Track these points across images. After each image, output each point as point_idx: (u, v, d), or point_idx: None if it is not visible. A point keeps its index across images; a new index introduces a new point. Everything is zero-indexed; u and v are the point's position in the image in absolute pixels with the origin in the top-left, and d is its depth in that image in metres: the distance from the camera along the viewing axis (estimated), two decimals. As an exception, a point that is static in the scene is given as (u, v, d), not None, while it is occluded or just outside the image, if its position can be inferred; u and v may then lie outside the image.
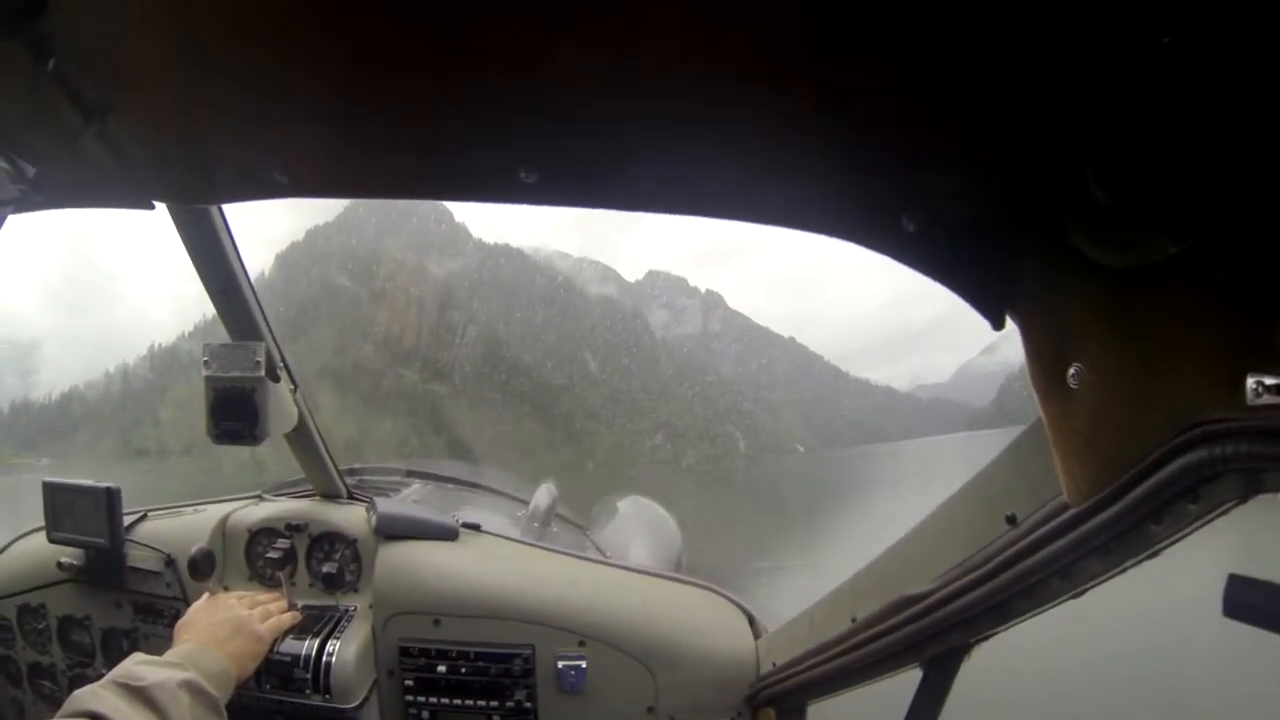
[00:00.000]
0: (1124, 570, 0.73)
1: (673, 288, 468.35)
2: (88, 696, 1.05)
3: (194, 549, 1.62)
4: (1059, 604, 0.84)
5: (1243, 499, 0.59)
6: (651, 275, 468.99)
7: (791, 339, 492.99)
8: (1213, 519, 0.62)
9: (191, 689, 1.15)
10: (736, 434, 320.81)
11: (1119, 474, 0.65)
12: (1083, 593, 0.79)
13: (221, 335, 1.60)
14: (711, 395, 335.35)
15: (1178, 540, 0.66)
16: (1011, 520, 0.83)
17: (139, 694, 1.08)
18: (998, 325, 0.75)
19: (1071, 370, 0.66)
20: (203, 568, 1.63)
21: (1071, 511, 0.72)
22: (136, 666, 1.15)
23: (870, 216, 0.74)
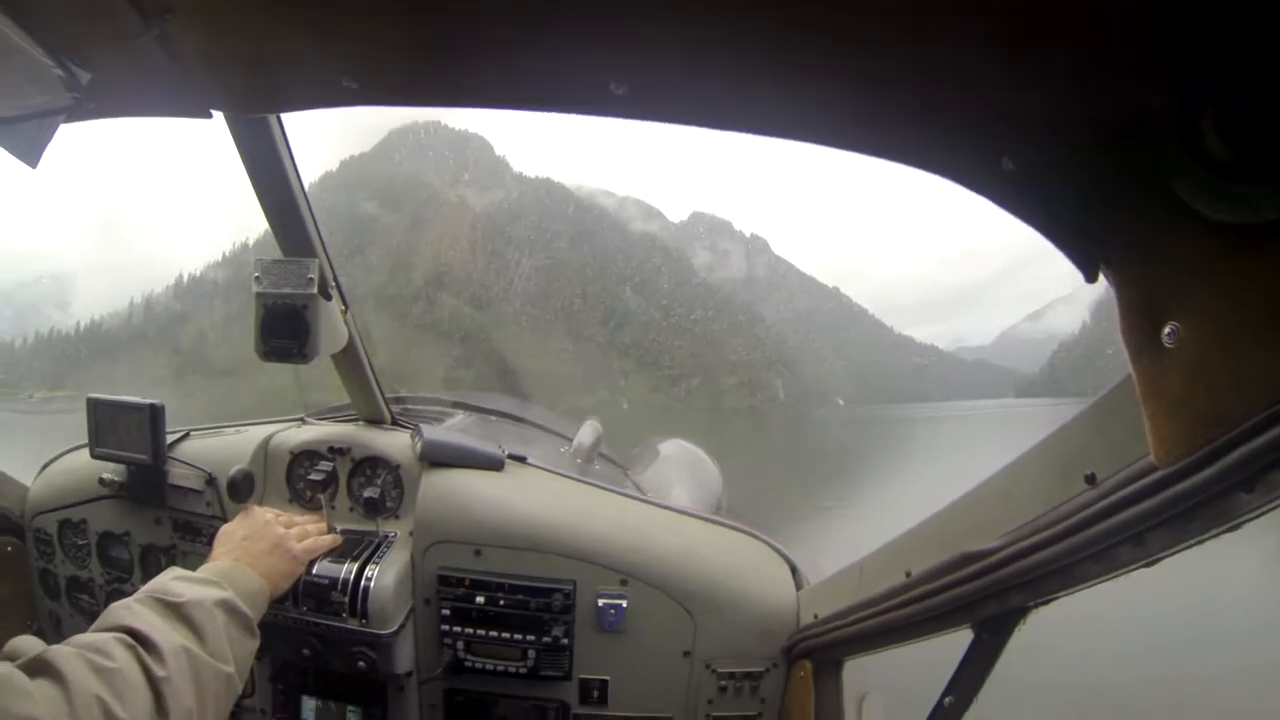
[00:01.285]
0: (1204, 540, 0.71)
1: (717, 230, 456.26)
2: (123, 611, 1.05)
3: (233, 470, 1.63)
4: (1129, 571, 0.81)
5: None
6: (696, 217, 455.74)
7: (836, 289, 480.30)
8: None
9: (227, 608, 1.17)
10: (777, 382, 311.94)
11: (1212, 437, 0.63)
12: (1155, 561, 0.77)
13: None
14: (753, 341, 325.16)
15: (1267, 511, 0.64)
16: (1090, 480, 0.82)
17: (175, 610, 1.09)
18: (1091, 277, 0.72)
19: (1167, 329, 0.64)
20: (242, 489, 1.63)
21: (1158, 474, 0.70)
22: (173, 582, 1.16)
23: (971, 154, 0.71)
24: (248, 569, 1.31)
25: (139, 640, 0.98)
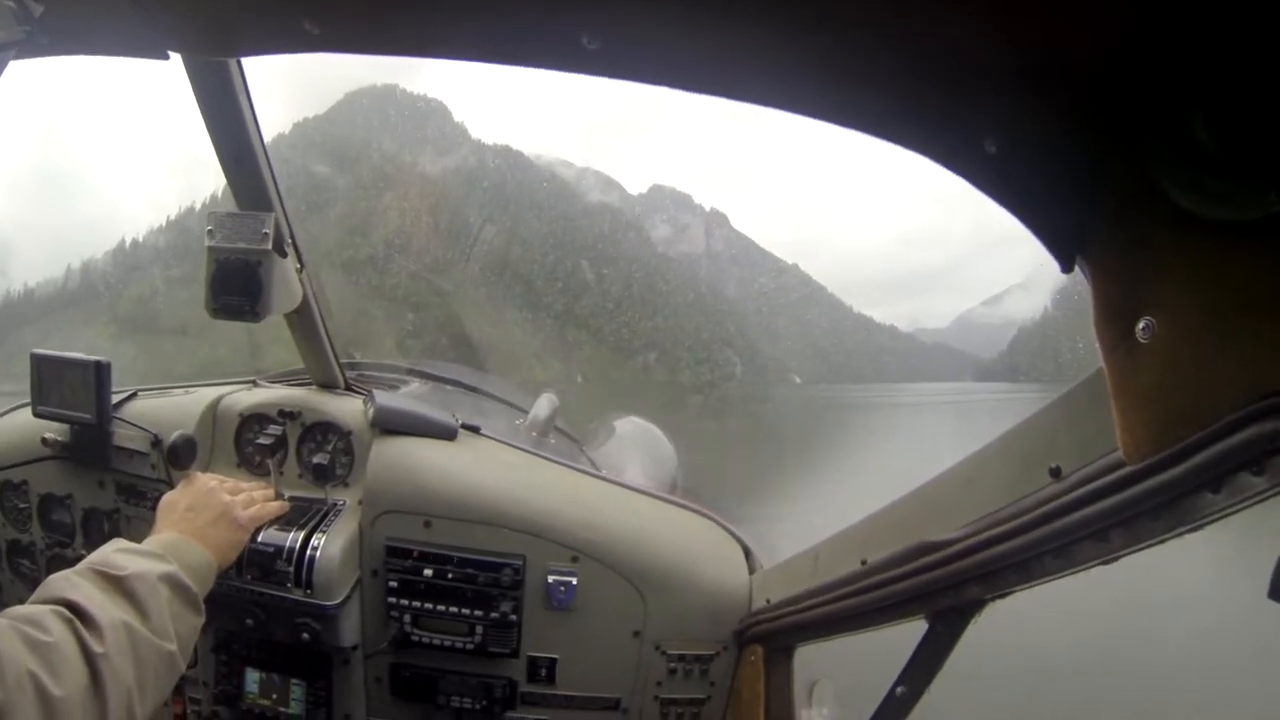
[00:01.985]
0: (1166, 539, 0.70)
1: (677, 203, 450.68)
2: (63, 583, 1.02)
3: (174, 435, 1.56)
4: (1089, 568, 0.81)
5: None
6: (656, 189, 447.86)
7: (795, 266, 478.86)
8: (1272, 495, 0.60)
9: (171, 582, 1.13)
10: (734, 359, 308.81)
11: (1183, 436, 0.62)
12: (1115, 559, 0.77)
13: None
14: (711, 316, 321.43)
15: (1231, 513, 0.63)
16: (1056, 473, 0.81)
17: (117, 584, 1.05)
18: (1067, 267, 0.72)
19: (1142, 324, 0.63)
20: (183, 456, 1.56)
21: (1125, 470, 0.70)
22: (116, 554, 1.12)
23: (954, 135, 0.70)
24: (194, 541, 1.26)
25: (77, 614, 0.94)
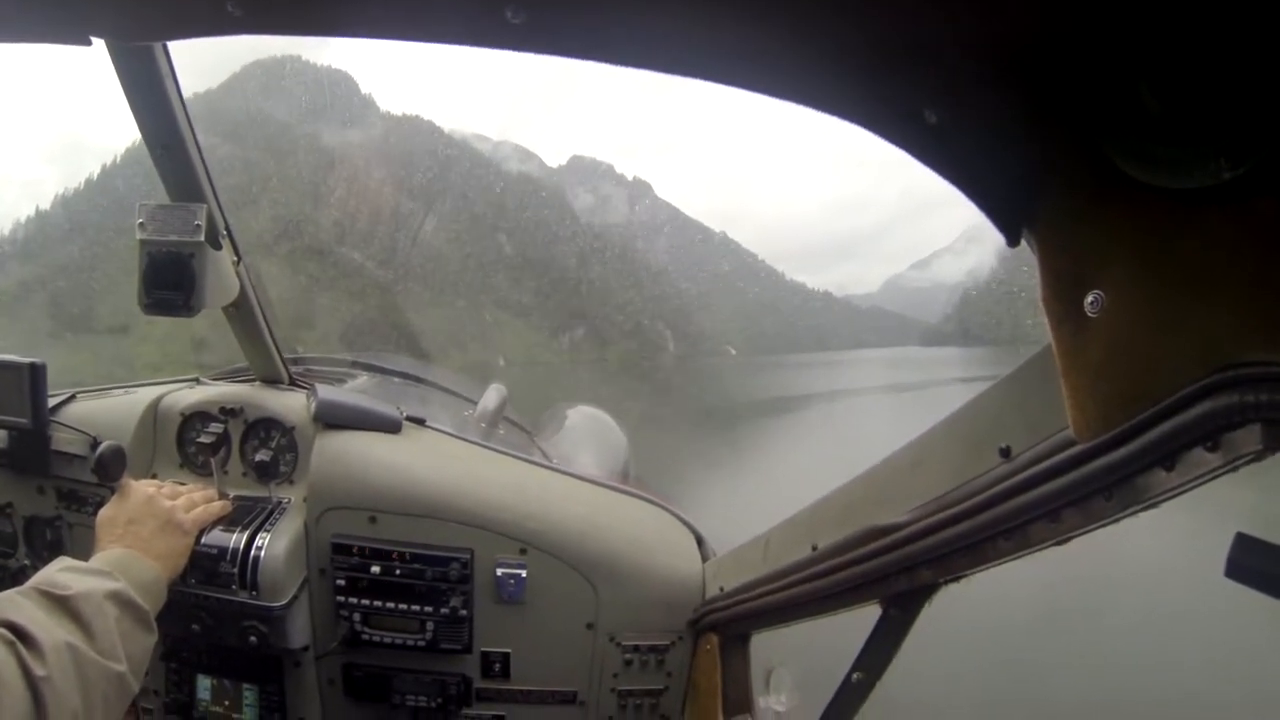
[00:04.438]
0: (1119, 519, 0.70)
1: (598, 174, 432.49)
2: (5, 604, 0.98)
3: (100, 447, 1.46)
4: (1042, 549, 0.80)
5: (1263, 454, 0.56)
6: (576, 160, 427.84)
7: (723, 234, 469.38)
8: (1226, 471, 0.59)
9: (119, 600, 1.10)
10: (666, 332, 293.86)
11: (1134, 412, 0.61)
12: (1068, 539, 0.77)
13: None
14: (641, 288, 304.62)
15: (1186, 490, 0.63)
16: (1005, 453, 0.80)
17: (61, 604, 1.02)
18: (1013, 241, 0.71)
19: (1090, 297, 0.62)
20: (112, 468, 1.45)
21: (1075, 449, 0.69)
22: (60, 574, 1.09)
23: (892, 105, 0.68)
24: (140, 555, 1.23)
25: (19, 636, 0.91)
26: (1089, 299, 0.62)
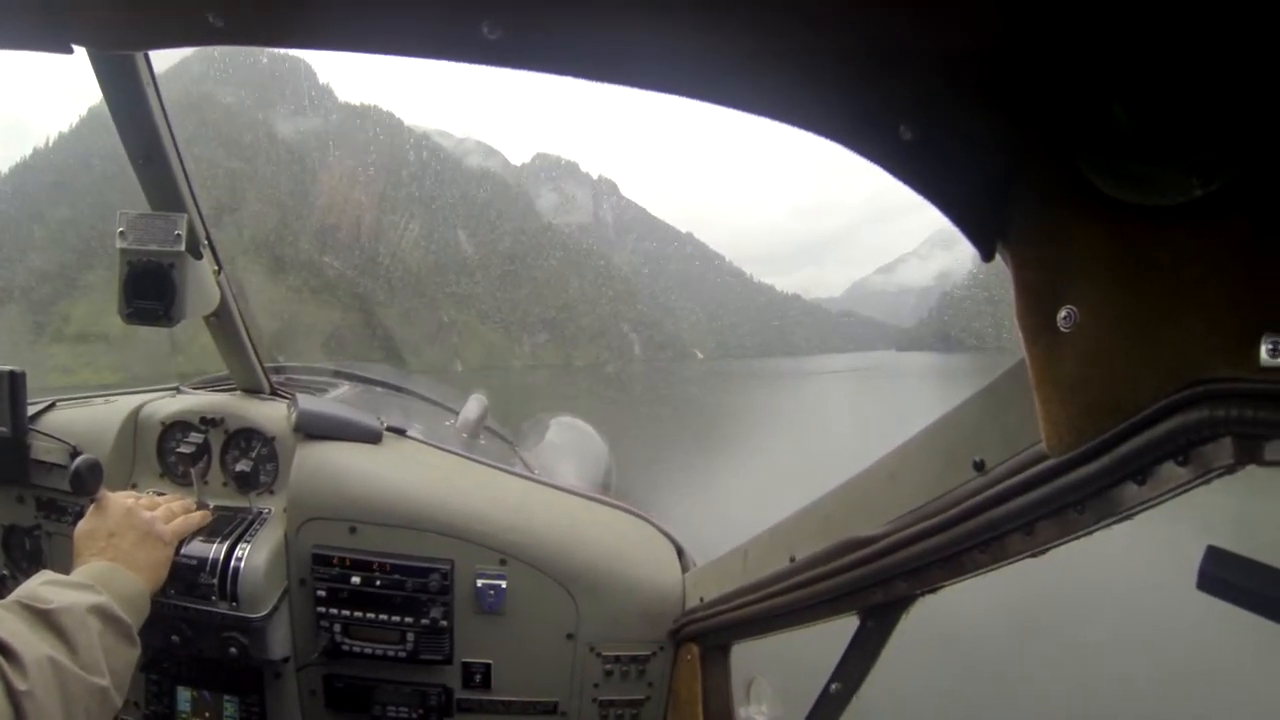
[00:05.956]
0: (1092, 531, 0.72)
1: (563, 172, 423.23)
2: None
3: (78, 459, 1.46)
4: (1017, 561, 0.82)
5: (1233, 467, 0.58)
6: (540, 157, 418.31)
7: (690, 235, 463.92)
8: (1197, 485, 0.61)
9: (102, 614, 1.09)
10: (632, 336, 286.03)
11: (1106, 427, 0.63)
12: (1043, 552, 0.78)
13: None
14: (606, 291, 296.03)
15: (1157, 504, 0.65)
16: (979, 467, 0.82)
17: (43, 617, 1.02)
18: (987, 255, 0.72)
19: (1063, 313, 0.63)
20: (88, 481, 1.44)
21: (1048, 463, 0.71)
22: (42, 587, 1.08)
23: (867, 121, 0.69)
24: (123, 568, 1.23)
25: (1, 650, 0.92)
26: (1062, 314, 0.63)
